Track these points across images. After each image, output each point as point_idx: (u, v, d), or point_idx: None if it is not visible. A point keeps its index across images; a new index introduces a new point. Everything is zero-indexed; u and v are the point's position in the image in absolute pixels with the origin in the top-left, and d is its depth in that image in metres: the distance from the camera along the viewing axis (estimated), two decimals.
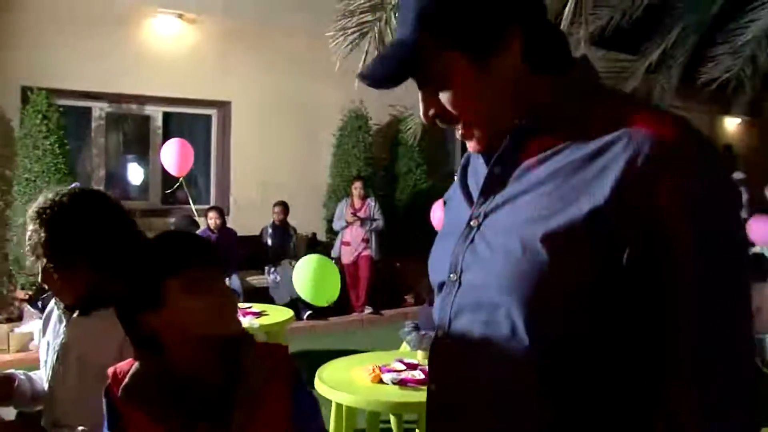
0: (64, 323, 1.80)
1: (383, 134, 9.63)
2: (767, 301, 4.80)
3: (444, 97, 1.03)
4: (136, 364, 1.39)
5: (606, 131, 0.94)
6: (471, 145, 1.09)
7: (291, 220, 8.23)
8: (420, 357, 4.01)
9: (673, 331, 0.89)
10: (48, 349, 1.85)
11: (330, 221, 8.64)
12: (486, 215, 1.05)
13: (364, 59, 5.54)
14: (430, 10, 0.99)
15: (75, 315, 1.78)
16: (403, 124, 9.29)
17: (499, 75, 1.00)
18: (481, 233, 1.04)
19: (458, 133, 1.08)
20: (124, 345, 1.66)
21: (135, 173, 8.53)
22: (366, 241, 8.12)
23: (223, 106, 8.59)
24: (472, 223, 1.07)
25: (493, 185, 1.05)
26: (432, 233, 6.17)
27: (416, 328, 5.54)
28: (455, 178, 1.26)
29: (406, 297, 8.80)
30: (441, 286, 1.12)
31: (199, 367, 1.36)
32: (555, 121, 1.00)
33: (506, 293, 0.96)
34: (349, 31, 5.41)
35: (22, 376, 1.89)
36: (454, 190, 1.23)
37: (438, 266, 1.15)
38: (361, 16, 5.40)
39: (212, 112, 8.65)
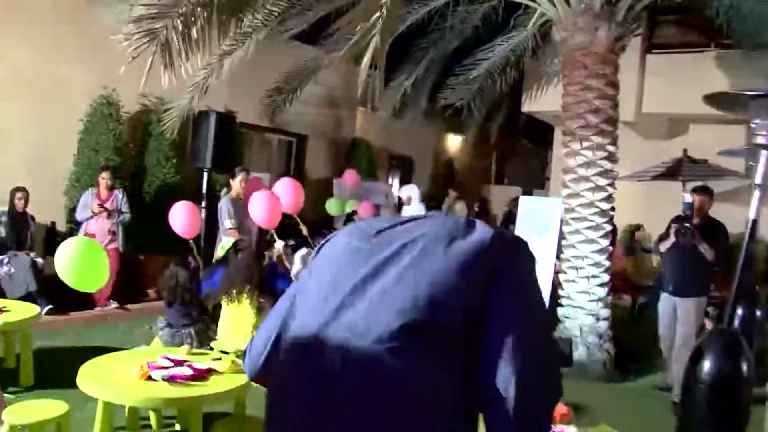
0: None
1: (134, 124, 9.33)
2: None
3: None
4: None
5: None
6: None
7: (28, 207, 7.66)
8: (182, 353, 4.10)
9: None
10: None
11: (72, 210, 8.19)
12: None
13: (150, 63, 5.56)
14: None
15: None
16: (155, 114, 9.15)
17: None
18: None
19: None
20: None
21: None
22: (113, 233, 7.86)
23: None
24: None
25: None
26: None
27: (169, 325, 5.62)
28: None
29: (149, 291, 8.65)
30: None
31: None
32: None
33: None
34: (135, 36, 5.38)
35: None
36: None
37: None
38: (149, 22, 5.42)
39: None
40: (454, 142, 18.47)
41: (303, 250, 8.25)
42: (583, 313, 6.81)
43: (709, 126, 11.26)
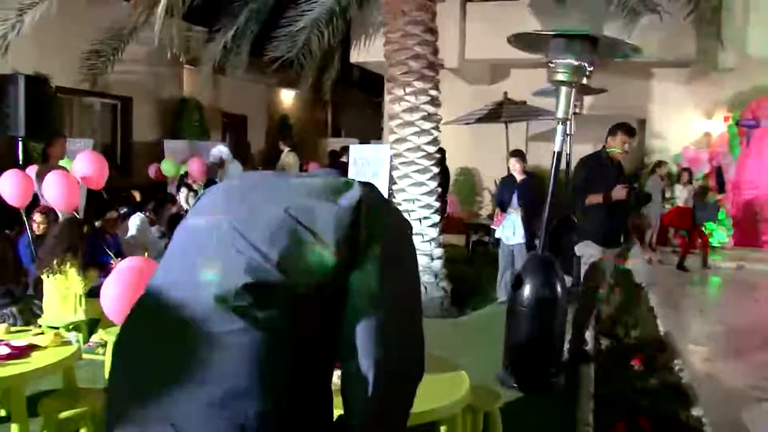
0: None
1: None
2: None
3: None
4: None
5: None
6: None
7: None
8: (1, 332, 3.88)
9: None
10: None
11: None
12: None
13: None
14: None
15: None
16: None
17: None
18: None
19: None
20: None
21: None
22: None
23: None
24: None
25: None
26: None
27: None
28: None
29: None
30: None
31: None
32: None
33: None
34: None
35: None
36: None
37: None
38: None
39: None
40: (288, 97, 18.31)
41: (137, 216, 7.95)
42: (417, 254, 7.06)
43: (528, 70, 11.89)
